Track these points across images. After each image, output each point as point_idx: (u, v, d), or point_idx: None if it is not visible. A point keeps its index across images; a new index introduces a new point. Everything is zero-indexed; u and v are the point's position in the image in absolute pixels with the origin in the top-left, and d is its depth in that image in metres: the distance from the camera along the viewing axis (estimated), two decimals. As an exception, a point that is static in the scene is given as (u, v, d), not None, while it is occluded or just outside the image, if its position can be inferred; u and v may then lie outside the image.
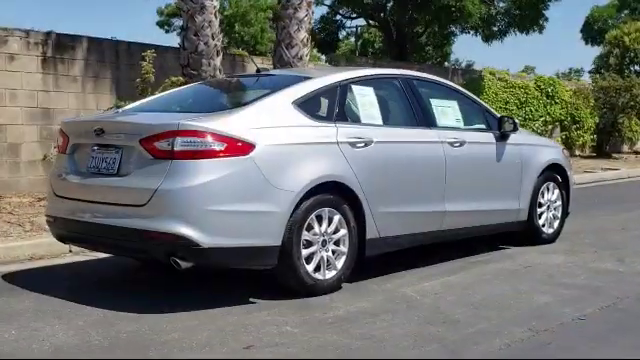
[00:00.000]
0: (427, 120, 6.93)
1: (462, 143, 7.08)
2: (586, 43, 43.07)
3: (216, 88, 7.33)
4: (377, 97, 6.62)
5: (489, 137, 7.55)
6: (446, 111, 7.22)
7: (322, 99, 6.24)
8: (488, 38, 26.69)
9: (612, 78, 23.09)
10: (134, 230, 5.40)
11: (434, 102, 7.14)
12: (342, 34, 33.73)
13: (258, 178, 5.48)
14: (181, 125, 5.35)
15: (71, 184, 5.98)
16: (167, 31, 47.04)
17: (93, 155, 5.87)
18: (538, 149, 8.15)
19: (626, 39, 28.32)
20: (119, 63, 12.58)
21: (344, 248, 6.04)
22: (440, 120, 7.07)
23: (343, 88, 6.36)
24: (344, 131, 6.12)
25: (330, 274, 5.95)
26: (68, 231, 6.03)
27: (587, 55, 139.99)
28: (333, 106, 6.24)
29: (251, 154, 5.46)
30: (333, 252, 5.98)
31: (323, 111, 6.22)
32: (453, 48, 30.06)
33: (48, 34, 11.85)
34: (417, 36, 27.27)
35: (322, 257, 5.90)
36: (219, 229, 5.37)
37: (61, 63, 11.85)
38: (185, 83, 10.80)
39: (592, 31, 42.96)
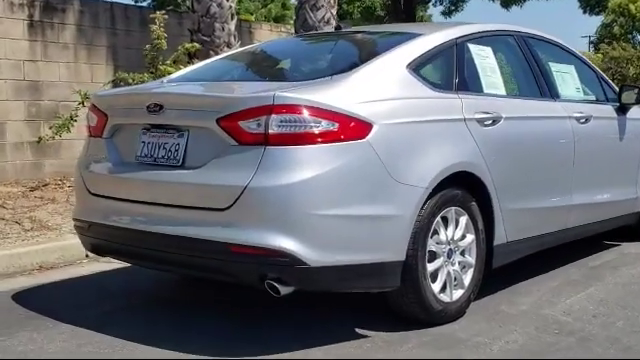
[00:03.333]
0: (551, 90, 5.53)
1: (588, 119, 5.68)
2: (584, 12, 41.52)
3: (295, 49, 5.67)
4: (496, 60, 5.13)
5: (610, 111, 6.13)
6: (566, 78, 5.81)
7: (439, 62, 4.81)
8: (508, 3, 24.79)
9: (622, 48, 21.85)
10: (212, 243, 3.94)
11: (553, 67, 5.67)
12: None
13: (377, 170, 4.02)
14: (278, 97, 3.85)
15: (113, 179, 4.45)
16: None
17: (145, 140, 4.33)
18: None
19: (632, 7, 26.92)
20: (115, 29, 10.92)
21: (471, 259, 4.63)
22: (562, 90, 5.63)
23: (460, 48, 4.91)
24: (469, 103, 4.68)
25: (457, 294, 4.54)
26: (109, 241, 4.51)
27: (586, 24, 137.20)
28: (452, 71, 4.79)
29: (368, 137, 4.00)
30: (459, 265, 4.50)
31: (441, 77, 4.79)
32: (463, 16, 27.64)
33: (34, -6, 10.12)
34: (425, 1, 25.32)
35: (449, 272, 4.44)
36: (331, 241, 3.92)
37: (50, 28, 10.17)
38: (199, 51, 9.21)
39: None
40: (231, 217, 3.88)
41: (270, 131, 3.85)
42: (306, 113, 3.87)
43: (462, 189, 4.50)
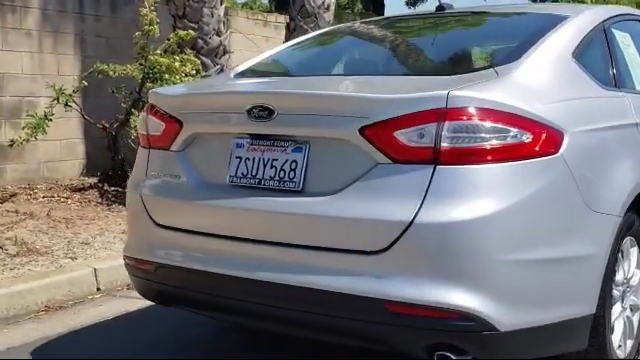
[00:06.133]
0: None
1: None
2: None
3: (410, 35, 4.40)
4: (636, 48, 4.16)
5: None
6: None
7: (594, 50, 3.79)
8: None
9: None
10: (358, 298, 2.86)
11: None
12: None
13: (572, 195, 3.04)
14: (454, 98, 2.78)
15: (193, 206, 3.31)
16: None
17: (241, 154, 3.19)
18: None
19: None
20: (83, 14, 9.54)
21: (638, 300, 3.59)
22: None
23: (609, 33, 3.95)
24: (636, 104, 3.65)
25: (630, 345, 3.53)
26: (186, 289, 3.33)
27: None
28: (607, 62, 3.83)
29: (561, 151, 3.00)
30: (630, 309, 3.54)
31: (600, 70, 3.76)
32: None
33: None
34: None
35: (624, 319, 3.43)
36: (525, 296, 2.91)
37: (11, 12, 8.75)
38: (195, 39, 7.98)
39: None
40: (387, 263, 2.81)
41: (443, 144, 2.77)
42: (493, 119, 2.81)
43: (637, 214, 3.49)
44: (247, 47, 11.30)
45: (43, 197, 7.66)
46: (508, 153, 2.83)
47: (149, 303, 4.63)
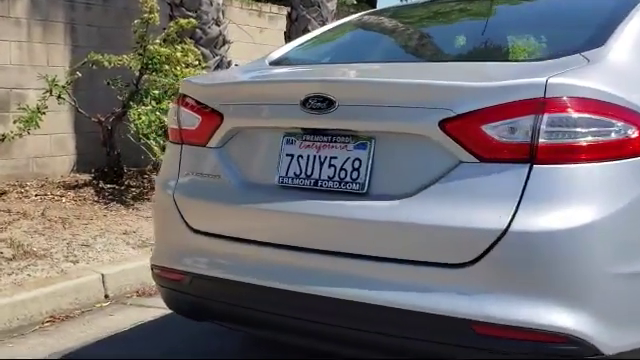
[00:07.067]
0: None
1: None
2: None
3: (448, 18, 4.00)
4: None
5: None
6: None
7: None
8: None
9: None
10: (437, 318, 2.48)
11: None
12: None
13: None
14: (553, 86, 2.37)
15: (235, 210, 2.90)
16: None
17: (293, 152, 2.82)
18: None
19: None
20: (74, 2, 9.05)
21: None
22: None
23: None
24: None
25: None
26: (226, 303, 2.92)
27: None
28: None
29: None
30: None
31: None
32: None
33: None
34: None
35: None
36: (632, 313, 2.47)
37: (-2, -1, 8.24)
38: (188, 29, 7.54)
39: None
40: (475, 278, 2.42)
41: (541, 140, 2.40)
42: (597, 111, 2.43)
43: None
44: (241, 38, 10.86)
45: (35, 195, 7.20)
46: (613, 150, 2.46)
47: (163, 312, 4.27)
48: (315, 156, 2.77)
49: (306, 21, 9.52)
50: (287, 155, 2.84)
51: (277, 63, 3.52)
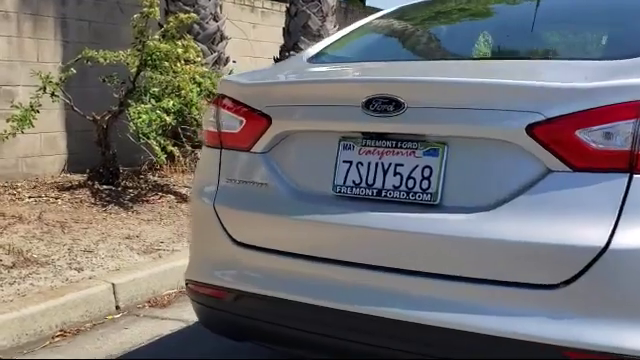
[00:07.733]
0: None
1: None
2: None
3: (502, 12, 3.72)
4: None
5: None
6: None
7: None
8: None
9: None
10: (524, 344, 2.23)
11: None
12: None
13: None
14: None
15: (286, 222, 2.62)
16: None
17: (352, 158, 2.56)
18: None
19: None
20: (65, -5, 8.73)
21: None
22: None
23: None
24: None
25: None
26: (277, 325, 2.65)
27: None
28: None
29: None
30: None
31: None
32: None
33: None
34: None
35: None
36: None
37: (-14, -8, 7.89)
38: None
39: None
40: (570, 300, 2.19)
41: (648, 146, 2.13)
42: None
43: None
44: (234, 34, 10.55)
45: (29, 197, 6.87)
46: None
47: (180, 325, 4.01)
48: (377, 163, 2.52)
49: (306, 16, 9.24)
50: (344, 162, 2.58)
51: (317, 60, 3.25)
